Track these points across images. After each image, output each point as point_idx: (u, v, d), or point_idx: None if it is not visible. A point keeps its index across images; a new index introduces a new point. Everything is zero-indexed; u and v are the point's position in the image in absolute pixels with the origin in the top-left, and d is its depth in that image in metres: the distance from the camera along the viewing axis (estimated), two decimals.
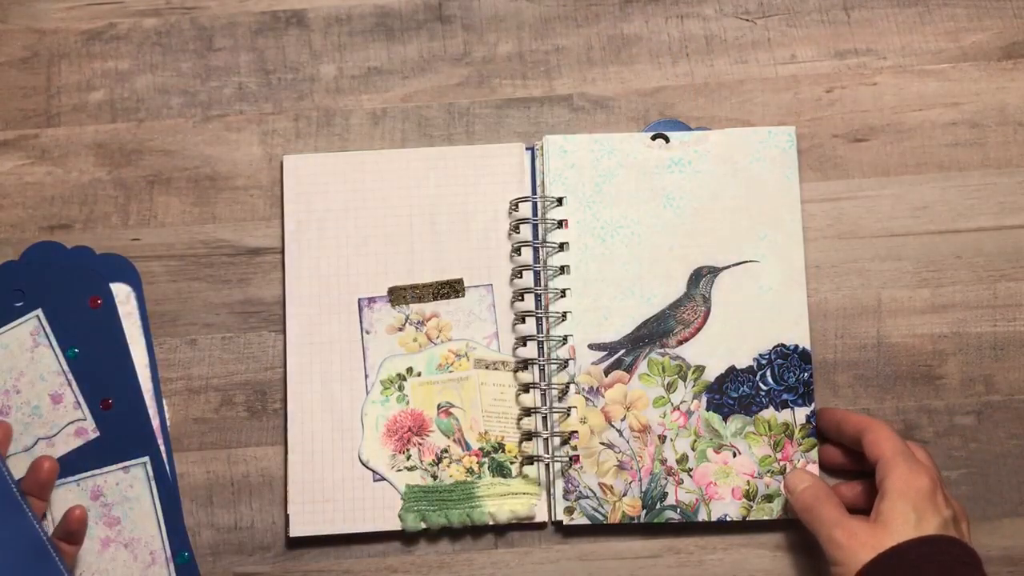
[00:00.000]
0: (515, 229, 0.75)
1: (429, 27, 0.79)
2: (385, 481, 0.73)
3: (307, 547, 0.73)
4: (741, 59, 0.78)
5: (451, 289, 0.75)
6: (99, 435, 0.72)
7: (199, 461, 0.74)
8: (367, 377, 0.74)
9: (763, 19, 0.79)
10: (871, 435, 0.68)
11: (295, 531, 0.72)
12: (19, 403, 0.72)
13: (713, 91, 0.78)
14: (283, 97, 0.78)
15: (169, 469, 0.73)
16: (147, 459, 0.72)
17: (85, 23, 0.79)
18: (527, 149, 0.76)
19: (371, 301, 0.75)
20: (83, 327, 0.73)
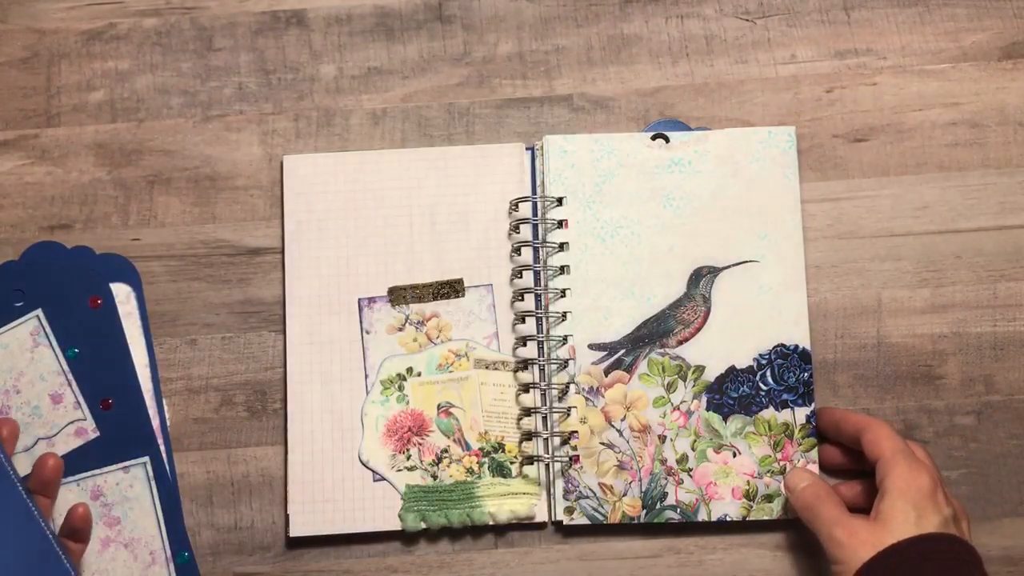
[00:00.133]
0: (515, 229, 0.75)
1: (429, 27, 0.79)
2: (385, 481, 0.73)
3: (307, 547, 0.73)
4: (741, 59, 0.78)
5: (451, 289, 0.75)
6: (99, 435, 0.72)
7: (199, 461, 0.74)
8: (367, 377, 0.74)
9: (763, 19, 0.79)
10: (871, 434, 0.68)
11: (295, 531, 0.72)
12: (19, 403, 0.72)
13: (713, 91, 0.78)
14: (283, 97, 0.78)
15: (169, 469, 0.73)
16: (147, 459, 0.72)
17: (85, 23, 0.79)
18: (527, 149, 0.76)
19: (371, 301, 0.75)
20: (83, 327, 0.73)
